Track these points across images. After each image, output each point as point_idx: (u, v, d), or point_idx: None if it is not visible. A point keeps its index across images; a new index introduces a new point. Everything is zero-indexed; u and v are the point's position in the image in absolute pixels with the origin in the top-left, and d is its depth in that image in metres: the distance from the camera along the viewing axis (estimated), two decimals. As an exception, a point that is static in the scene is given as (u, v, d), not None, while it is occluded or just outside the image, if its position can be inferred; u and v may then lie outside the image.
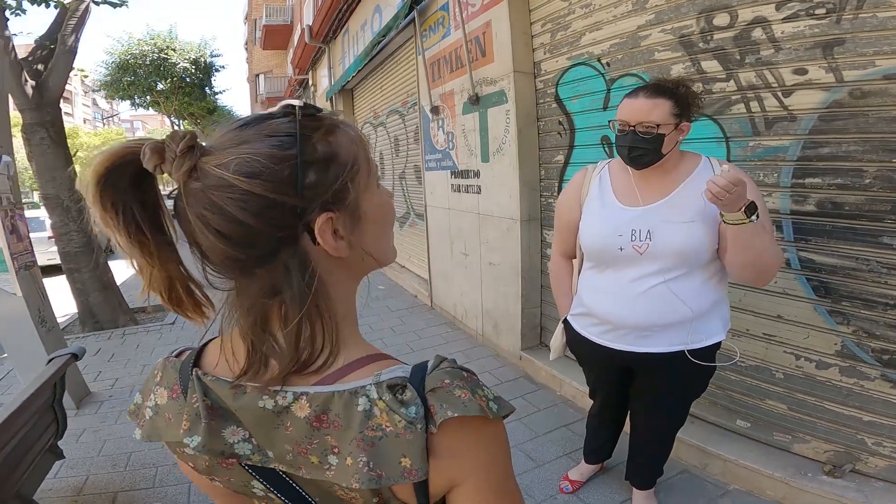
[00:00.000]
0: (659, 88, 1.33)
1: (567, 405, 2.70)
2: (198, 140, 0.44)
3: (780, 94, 1.78)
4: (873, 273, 1.63)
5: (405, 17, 4.06)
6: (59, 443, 1.96)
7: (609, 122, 1.45)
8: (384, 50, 5.17)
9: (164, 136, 0.44)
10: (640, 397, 1.68)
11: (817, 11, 1.61)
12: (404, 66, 5.05)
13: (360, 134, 0.52)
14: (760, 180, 1.86)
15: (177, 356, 0.54)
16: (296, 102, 0.47)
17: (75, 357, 1.90)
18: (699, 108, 1.40)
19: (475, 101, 3.31)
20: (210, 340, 0.55)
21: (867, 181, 1.60)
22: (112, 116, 47.26)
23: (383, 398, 0.44)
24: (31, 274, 3.06)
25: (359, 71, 6.04)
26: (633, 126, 1.33)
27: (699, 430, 2.13)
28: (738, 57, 1.87)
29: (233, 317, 0.49)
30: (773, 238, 1.32)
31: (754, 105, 1.86)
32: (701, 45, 1.98)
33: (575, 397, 2.69)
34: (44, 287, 3.17)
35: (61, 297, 4.89)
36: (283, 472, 0.50)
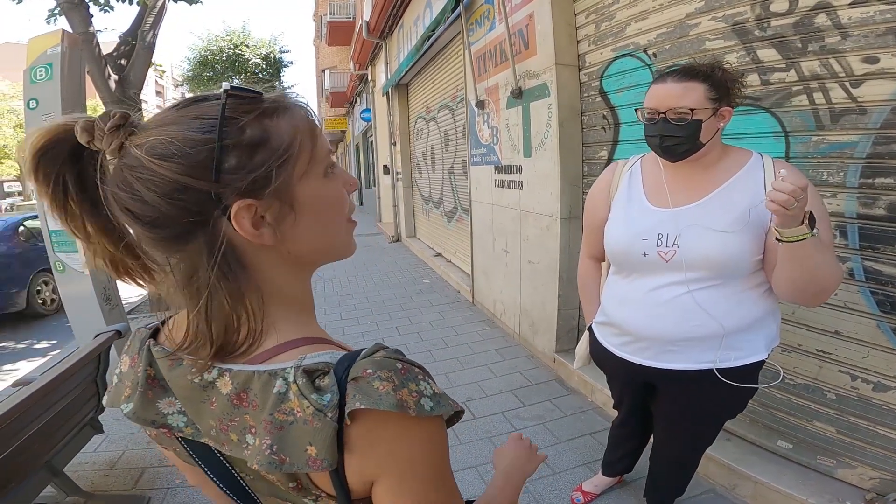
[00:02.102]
0: (690, 71, 1.17)
1: (596, 412, 2.59)
2: (130, 120, 0.44)
3: (847, 84, 1.58)
4: (950, 290, 1.42)
5: (452, 12, 4.03)
6: (104, 418, 2.05)
7: (636, 110, 1.29)
8: (435, 45, 5.17)
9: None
10: (663, 415, 1.54)
11: (888, -5, 1.42)
12: (454, 60, 5.04)
13: (308, 119, 0.50)
14: (823, 180, 1.67)
15: (148, 327, 0.55)
16: (227, 85, 0.46)
17: (119, 334, 2.02)
18: (741, 91, 1.23)
19: (518, 95, 3.22)
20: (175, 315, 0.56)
21: (947, 183, 1.39)
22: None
23: (297, 382, 0.43)
24: (100, 254, 3.33)
25: (412, 66, 6.10)
26: (664, 113, 1.17)
27: (732, 447, 1.98)
28: (800, 45, 1.68)
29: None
30: (833, 252, 1.13)
31: (818, 96, 1.67)
32: (757, 32, 1.80)
33: (605, 405, 2.57)
34: (111, 267, 3.44)
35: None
36: (215, 449, 0.50)
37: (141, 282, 0.52)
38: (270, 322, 0.48)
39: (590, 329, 1.57)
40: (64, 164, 0.46)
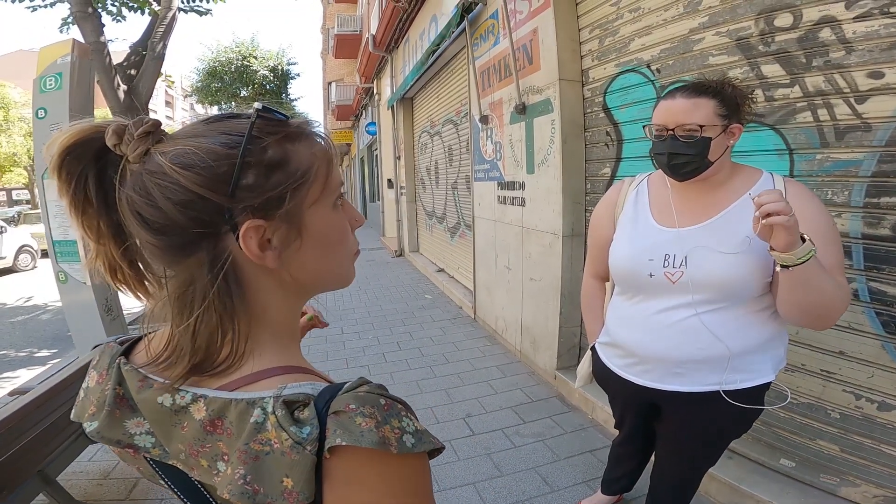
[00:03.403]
0: (700, 87, 1.14)
1: (596, 430, 2.54)
2: (161, 128, 0.46)
3: (852, 100, 1.57)
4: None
5: (457, 26, 4.06)
6: None
7: (644, 127, 1.26)
8: (440, 59, 5.22)
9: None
10: (666, 437, 1.49)
11: (892, 10, 1.41)
12: (458, 75, 5.07)
13: (328, 148, 0.52)
14: (828, 199, 1.65)
15: (120, 342, 0.54)
16: (259, 105, 0.47)
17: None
18: (751, 108, 1.20)
19: (522, 111, 3.23)
20: (156, 331, 0.55)
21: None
22: (205, 121, 51.18)
23: (276, 413, 0.42)
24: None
25: (417, 80, 6.15)
26: (672, 129, 1.14)
27: (734, 466, 1.94)
28: (804, 60, 1.67)
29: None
30: (842, 272, 1.08)
31: (822, 113, 1.65)
32: (760, 47, 1.80)
33: (606, 422, 2.52)
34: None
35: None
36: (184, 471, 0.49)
37: (133, 291, 0.52)
38: (254, 346, 0.48)
39: (592, 349, 1.54)
40: (88, 164, 0.46)
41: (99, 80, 4.67)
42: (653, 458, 1.64)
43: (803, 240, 0.95)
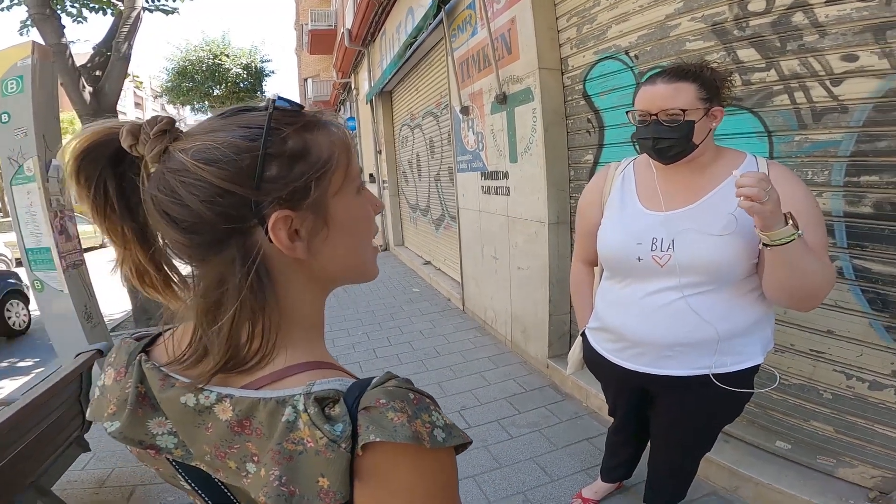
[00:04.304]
0: (680, 72, 1.15)
1: (592, 417, 2.57)
2: (176, 126, 0.45)
3: (828, 82, 1.59)
4: (939, 285, 1.42)
5: (434, 18, 4.02)
6: (90, 436, 2.02)
7: (627, 112, 1.27)
8: (418, 51, 5.17)
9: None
10: (659, 422, 1.50)
11: (863, -8, 1.43)
12: (437, 67, 5.03)
13: (344, 136, 0.51)
14: (809, 179, 1.67)
15: (137, 338, 0.53)
16: (273, 96, 0.47)
17: (100, 353, 1.97)
18: (731, 91, 1.21)
19: (502, 100, 3.22)
20: (175, 327, 0.54)
21: (933, 179, 1.40)
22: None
23: (308, 411, 0.41)
24: (79, 272, 3.24)
25: (395, 73, 6.08)
26: (655, 114, 1.15)
27: (733, 449, 1.96)
28: (779, 44, 1.69)
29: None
30: (825, 252, 1.11)
31: (799, 95, 1.67)
32: (736, 32, 1.81)
33: (601, 409, 2.55)
34: (91, 285, 3.35)
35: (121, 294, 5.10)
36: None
37: (161, 295, 0.51)
38: (283, 341, 0.47)
39: (583, 335, 1.54)
40: (105, 167, 0.46)
41: (63, 83, 4.53)
42: (649, 445, 1.67)
43: (792, 220, 0.97)
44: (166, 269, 0.50)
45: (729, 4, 1.81)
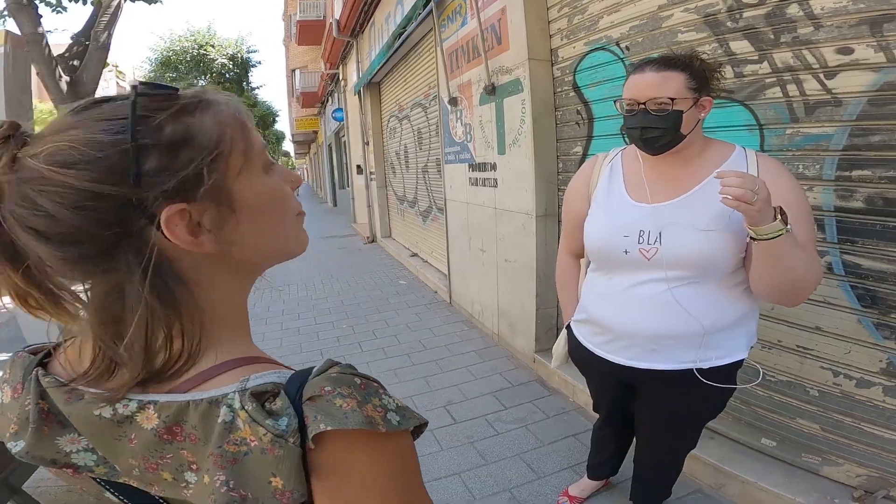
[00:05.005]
0: (669, 61, 1.14)
1: (579, 413, 2.55)
2: (21, 130, 0.40)
3: (821, 75, 1.56)
4: (929, 281, 1.41)
5: (424, 8, 3.94)
6: None
7: (615, 101, 1.24)
8: (407, 42, 5.09)
9: None
10: (644, 418, 1.50)
11: (860, -16, 1.40)
12: (426, 58, 4.95)
13: (236, 113, 0.46)
14: (800, 172, 1.65)
15: (32, 352, 0.48)
16: (136, 81, 0.42)
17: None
18: (720, 82, 1.19)
19: (491, 91, 3.17)
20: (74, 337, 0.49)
21: (925, 174, 1.38)
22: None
23: (246, 408, 0.38)
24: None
25: (383, 64, 6.00)
26: (643, 103, 1.13)
27: (718, 447, 1.95)
28: (772, 36, 1.66)
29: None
30: (814, 248, 1.09)
31: (792, 88, 1.65)
32: (729, 24, 1.78)
33: (587, 405, 2.52)
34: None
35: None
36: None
37: (54, 316, 0.44)
38: (206, 341, 0.43)
39: (568, 327, 1.53)
40: None
41: (39, 72, 4.41)
42: (634, 441, 1.65)
43: (784, 215, 0.96)
44: (52, 286, 0.43)
45: (722, -5, 1.77)
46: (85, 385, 0.42)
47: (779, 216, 0.95)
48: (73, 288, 0.44)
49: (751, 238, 1.00)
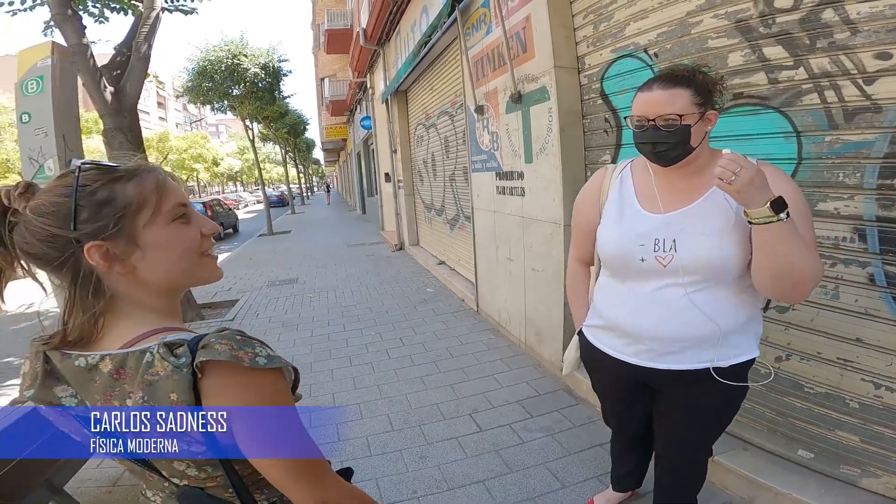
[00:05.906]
0: (674, 78, 1.20)
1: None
2: (31, 188, 0.64)
3: (860, 81, 1.52)
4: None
5: (448, 17, 3.98)
6: None
7: (625, 118, 1.31)
8: (432, 51, 5.14)
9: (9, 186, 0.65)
10: (662, 421, 1.51)
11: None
12: (452, 66, 4.99)
13: (156, 182, 0.67)
14: (840, 181, 1.61)
15: (40, 336, 0.69)
16: (79, 163, 0.64)
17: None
18: (722, 95, 1.25)
19: (517, 100, 3.17)
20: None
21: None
22: (199, 121, 50.93)
23: (160, 352, 0.59)
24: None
25: (410, 72, 6.06)
26: (653, 120, 1.20)
27: (751, 458, 1.90)
28: (808, 41, 1.62)
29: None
30: (812, 247, 1.14)
31: (830, 94, 1.61)
32: (761, 29, 1.74)
33: (617, 417, 2.49)
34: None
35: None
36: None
37: (27, 276, 0.68)
38: (139, 321, 0.66)
39: (580, 333, 1.55)
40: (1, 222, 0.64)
41: (84, 83, 4.60)
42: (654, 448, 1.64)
43: (780, 206, 1.02)
44: (29, 272, 0.67)
45: (753, 1, 1.74)
46: (69, 350, 0.64)
47: (768, 204, 1.02)
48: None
49: (749, 222, 1.08)
